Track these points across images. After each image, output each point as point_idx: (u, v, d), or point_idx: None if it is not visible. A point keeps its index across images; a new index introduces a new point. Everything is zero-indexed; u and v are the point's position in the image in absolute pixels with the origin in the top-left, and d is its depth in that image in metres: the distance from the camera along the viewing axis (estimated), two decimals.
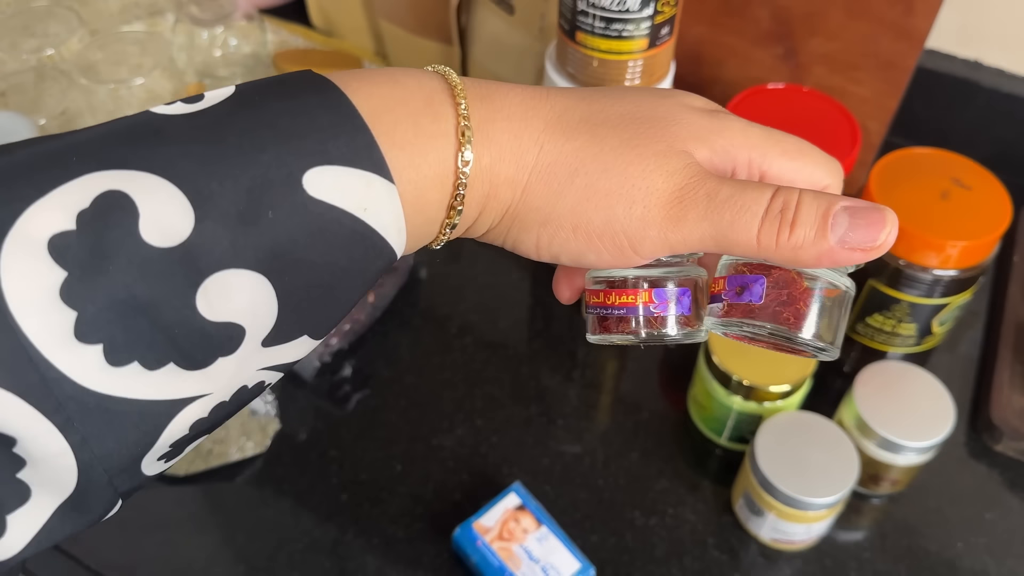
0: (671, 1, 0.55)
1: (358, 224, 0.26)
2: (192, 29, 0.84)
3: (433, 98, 0.28)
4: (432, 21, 0.80)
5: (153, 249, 0.23)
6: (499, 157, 0.28)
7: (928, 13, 0.66)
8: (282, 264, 0.25)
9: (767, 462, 0.54)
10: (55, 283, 0.23)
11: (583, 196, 0.28)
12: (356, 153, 0.26)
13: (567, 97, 0.30)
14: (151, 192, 0.23)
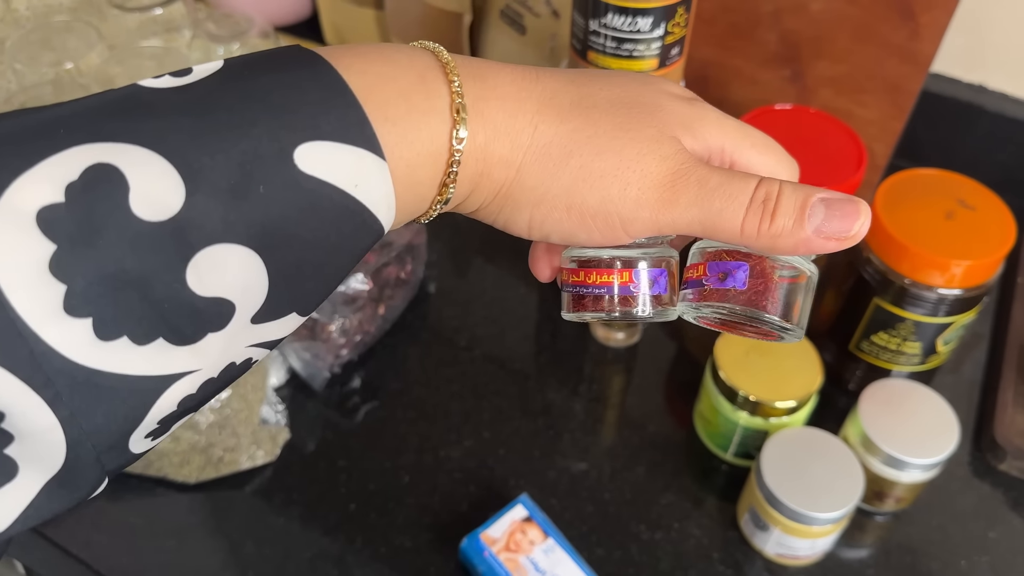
0: (681, 22, 0.56)
1: (349, 200, 0.26)
2: (208, 45, 0.85)
3: (426, 75, 0.27)
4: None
5: (143, 223, 0.23)
6: (494, 136, 0.28)
7: (933, 37, 0.67)
8: (273, 239, 0.25)
9: (773, 477, 0.55)
10: (44, 256, 0.22)
11: (579, 177, 0.29)
12: (348, 129, 0.25)
13: (557, 79, 0.30)
14: (141, 165, 0.23)
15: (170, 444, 0.60)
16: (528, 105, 0.29)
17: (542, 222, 0.30)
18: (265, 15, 0.93)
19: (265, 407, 0.63)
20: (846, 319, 0.64)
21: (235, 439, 0.60)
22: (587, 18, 0.57)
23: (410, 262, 0.69)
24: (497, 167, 0.29)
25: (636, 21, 0.55)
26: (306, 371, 0.65)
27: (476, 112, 0.28)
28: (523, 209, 0.30)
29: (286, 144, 0.24)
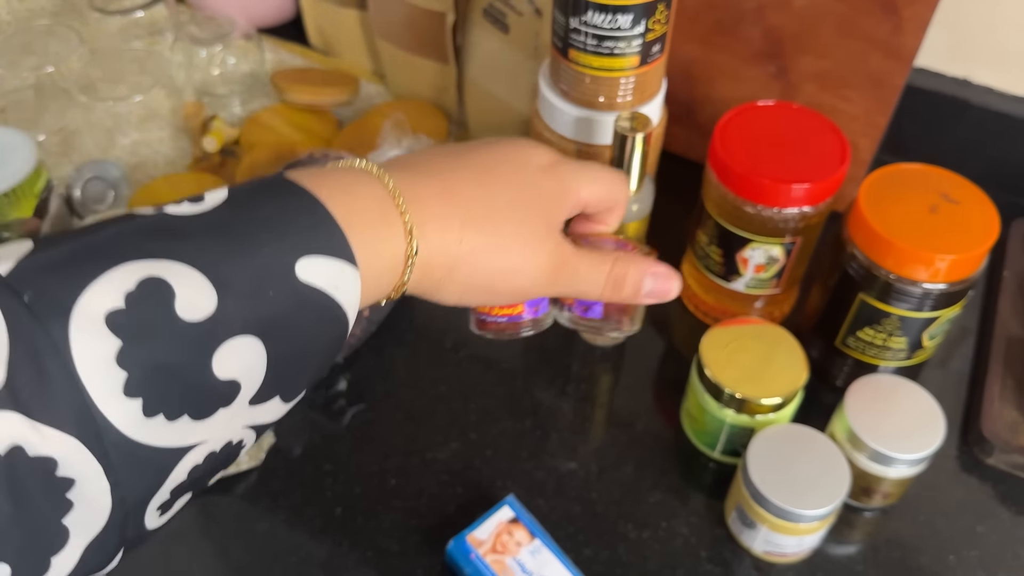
0: (662, 19, 0.56)
1: (329, 301, 0.33)
2: (190, 48, 0.85)
3: (383, 206, 0.36)
4: (428, 40, 0.81)
5: (185, 323, 0.29)
6: (434, 250, 0.37)
7: (917, 31, 0.67)
8: (275, 331, 0.31)
9: (759, 474, 0.55)
10: (112, 350, 0.27)
11: (494, 274, 0.39)
12: (333, 247, 0.33)
13: (469, 187, 0.39)
14: (183, 277, 0.29)
15: None
16: (454, 222, 0.38)
17: (467, 301, 0.41)
18: (248, 17, 0.92)
19: None
20: (832, 315, 0.64)
21: None
22: (567, 16, 0.56)
23: None
24: (436, 269, 0.38)
25: (616, 18, 0.55)
26: None
27: (421, 234, 0.37)
28: (453, 294, 0.40)
29: (289, 259, 0.32)
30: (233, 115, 0.87)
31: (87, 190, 0.75)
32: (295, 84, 0.84)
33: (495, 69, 0.78)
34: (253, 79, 0.88)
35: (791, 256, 0.64)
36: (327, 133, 0.83)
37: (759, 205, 0.61)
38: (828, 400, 0.67)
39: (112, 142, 0.82)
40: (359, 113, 0.87)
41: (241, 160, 0.77)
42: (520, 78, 0.76)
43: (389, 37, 0.85)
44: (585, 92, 0.60)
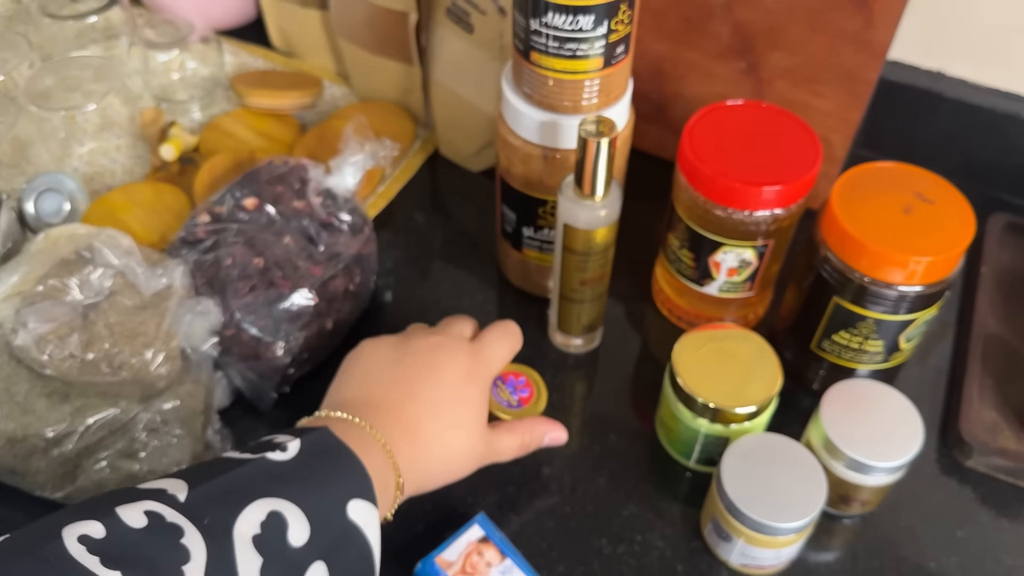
0: (625, 19, 0.54)
1: (362, 537, 0.44)
2: (147, 53, 0.82)
3: (389, 470, 0.49)
4: (391, 41, 0.79)
5: (294, 548, 0.41)
6: (411, 487, 0.51)
7: (888, 25, 0.66)
8: (334, 556, 0.42)
9: (733, 487, 0.53)
10: (259, 564, 0.39)
11: (449, 478, 0.54)
12: (367, 492, 0.45)
13: (423, 422, 0.52)
14: (291, 512, 0.41)
15: (109, 474, 0.58)
16: (421, 464, 0.52)
17: (424, 491, 0.53)
18: (208, 19, 0.90)
19: (209, 431, 0.60)
20: (806, 318, 0.62)
21: (177, 466, 0.58)
22: (527, 17, 0.55)
23: (359, 273, 0.67)
24: (408, 492, 0.51)
25: (578, 19, 0.53)
26: (252, 392, 0.63)
27: (404, 477, 0.50)
28: (414, 491, 0.52)
29: (344, 500, 0.44)
30: (193, 121, 0.85)
31: (40, 204, 0.73)
32: (255, 88, 0.82)
33: (460, 70, 0.76)
34: (213, 83, 0.86)
35: (764, 259, 0.63)
36: (289, 138, 0.81)
37: (730, 208, 0.59)
38: (805, 404, 0.66)
39: (67, 152, 0.80)
40: (322, 116, 0.85)
41: (200, 169, 0.75)
42: (486, 78, 0.74)
43: (351, 38, 0.82)
44: (548, 95, 0.58)
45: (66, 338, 0.57)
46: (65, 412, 0.58)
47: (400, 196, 0.81)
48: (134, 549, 0.36)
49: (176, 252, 0.65)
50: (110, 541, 0.36)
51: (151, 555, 0.36)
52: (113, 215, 0.72)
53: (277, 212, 0.66)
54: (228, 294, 0.61)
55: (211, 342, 0.60)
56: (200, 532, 0.38)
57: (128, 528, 0.37)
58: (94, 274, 0.60)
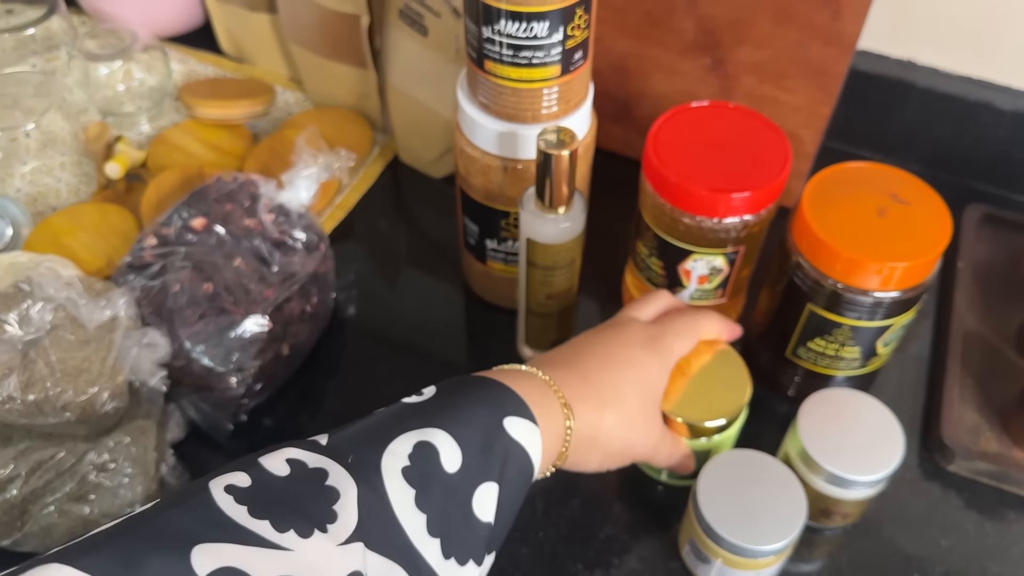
0: (581, 24, 0.52)
1: (525, 455, 0.42)
2: (87, 65, 0.78)
3: (544, 391, 0.45)
4: (343, 45, 0.75)
5: (448, 474, 0.39)
6: (584, 424, 0.47)
7: (856, 17, 0.63)
8: (503, 475, 0.40)
9: (710, 509, 0.51)
10: (411, 496, 0.37)
11: (624, 444, 0.50)
12: (524, 411, 0.43)
13: (596, 373, 0.49)
14: (441, 440, 0.39)
15: (58, 519, 0.55)
16: (594, 402, 0.48)
17: (605, 465, 0.50)
18: (154, 27, 0.86)
19: (164, 467, 0.58)
20: (781, 324, 0.60)
21: (130, 508, 0.55)
22: (479, 25, 0.52)
23: (315, 293, 0.64)
24: (585, 440, 0.47)
25: (532, 26, 0.50)
26: (207, 423, 0.60)
27: (573, 412, 0.46)
28: (595, 459, 0.49)
29: (500, 419, 0.42)
30: (141, 134, 0.81)
31: None
32: (204, 99, 0.78)
33: (416, 74, 0.73)
34: (160, 93, 0.82)
35: (735, 265, 0.60)
36: (240, 149, 0.78)
37: (698, 216, 0.57)
38: (782, 411, 0.64)
39: (8, 172, 0.76)
40: (276, 124, 0.82)
41: (147, 187, 0.72)
42: (443, 82, 0.71)
43: (302, 42, 0.79)
44: (506, 105, 0.55)
45: (5, 379, 0.53)
46: (8, 456, 0.55)
47: (360, 206, 0.78)
48: (280, 496, 0.35)
49: (122, 278, 0.62)
50: (255, 490, 0.35)
51: (298, 500, 0.35)
52: (57, 240, 0.68)
53: (227, 232, 0.63)
54: (176, 323, 0.58)
55: (160, 375, 0.57)
56: (346, 470, 0.37)
57: (272, 476, 0.36)
58: (33, 308, 0.57)
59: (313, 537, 0.34)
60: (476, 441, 0.40)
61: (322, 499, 0.36)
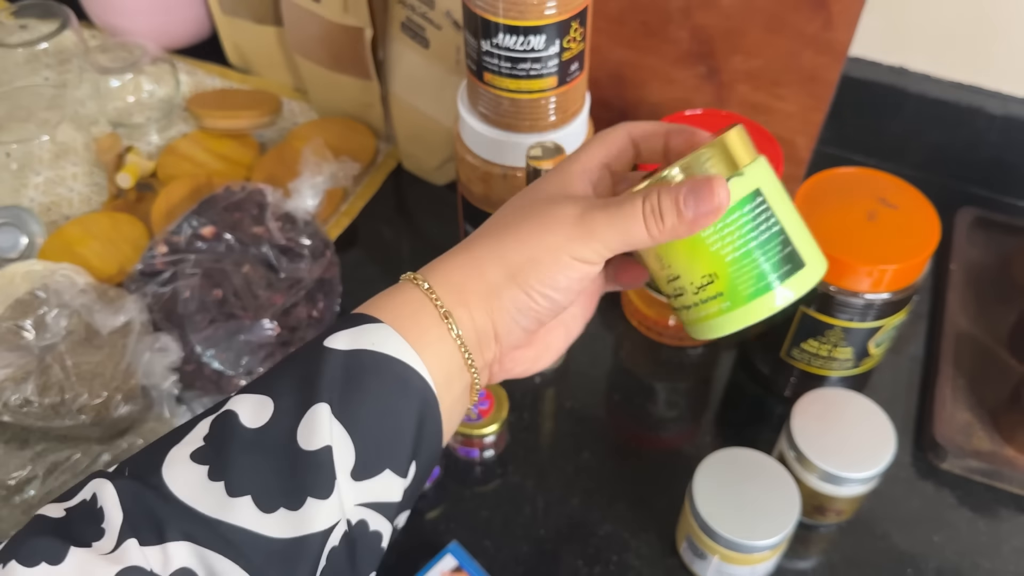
0: (577, 37, 0.53)
1: (377, 356, 0.35)
2: (99, 78, 0.80)
3: (419, 304, 0.37)
4: (347, 57, 0.77)
5: (252, 430, 0.33)
6: (475, 316, 0.38)
7: (847, 26, 0.65)
8: (348, 388, 0.34)
9: (706, 505, 0.53)
10: (202, 473, 0.33)
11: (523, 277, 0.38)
12: (353, 321, 0.36)
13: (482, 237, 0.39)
14: (245, 403, 0.34)
15: None
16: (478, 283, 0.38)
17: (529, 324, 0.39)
18: (162, 40, 0.88)
19: None
20: (776, 326, 0.62)
21: None
22: (479, 39, 0.53)
23: (322, 299, 0.65)
24: (485, 334, 0.38)
25: (529, 40, 0.52)
26: None
27: (457, 314, 0.38)
28: (515, 332, 0.39)
29: (319, 342, 0.35)
30: (151, 144, 0.83)
31: None
32: (212, 109, 0.80)
33: (418, 84, 0.75)
34: (169, 105, 0.84)
35: None
36: (248, 159, 0.79)
37: None
38: (779, 412, 0.65)
39: (23, 182, 0.78)
40: (282, 133, 0.84)
41: (157, 196, 0.73)
42: (445, 92, 0.73)
43: (307, 54, 0.81)
44: (505, 115, 0.57)
45: (22, 383, 0.55)
46: (25, 458, 0.57)
47: (365, 213, 0.80)
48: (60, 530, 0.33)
49: (135, 285, 0.63)
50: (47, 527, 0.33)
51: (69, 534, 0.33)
52: (70, 248, 0.70)
53: (235, 239, 0.65)
54: (187, 328, 0.60)
55: (171, 379, 0.59)
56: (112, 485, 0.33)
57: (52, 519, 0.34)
58: (50, 315, 0.59)
59: (69, 555, 0.31)
60: (290, 381, 0.35)
61: (92, 523, 0.32)
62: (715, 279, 0.38)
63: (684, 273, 0.39)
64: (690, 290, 0.39)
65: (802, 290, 0.38)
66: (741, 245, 0.37)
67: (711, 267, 0.38)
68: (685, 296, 0.39)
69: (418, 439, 0.35)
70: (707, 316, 0.39)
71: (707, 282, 0.38)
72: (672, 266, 0.39)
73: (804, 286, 0.38)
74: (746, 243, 0.37)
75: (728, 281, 0.38)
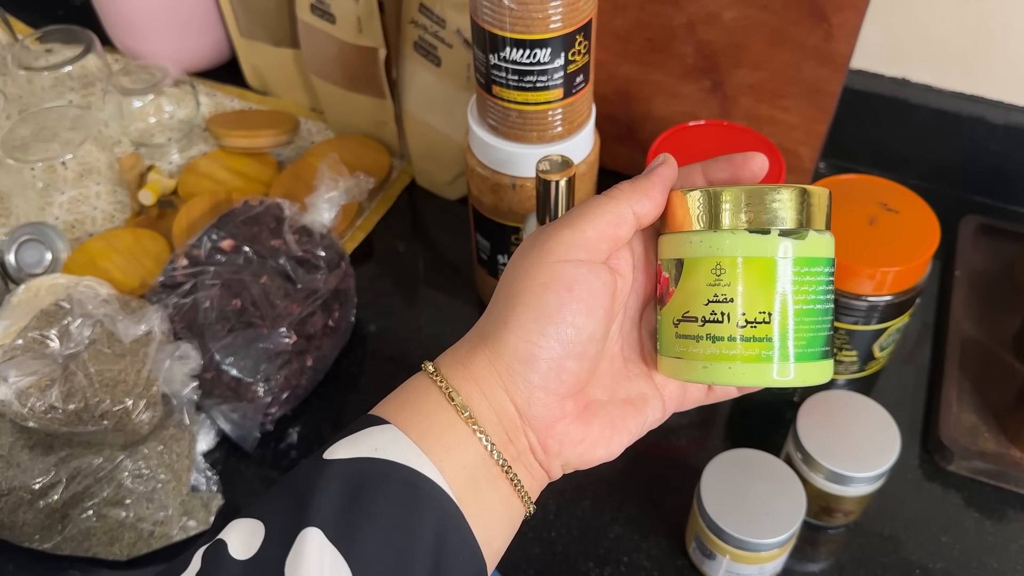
0: (582, 50, 0.55)
1: (385, 464, 0.32)
2: (121, 99, 0.83)
3: (433, 402, 0.34)
4: (362, 77, 0.80)
5: (241, 561, 0.31)
6: (496, 404, 0.34)
7: (848, 38, 0.67)
8: (353, 509, 0.32)
9: (714, 505, 0.54)
10: None
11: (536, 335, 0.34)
12: (359, 425, 0.34)
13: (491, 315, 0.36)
14: (235, 530, 0.32)
15: (96, 523, 0.58)
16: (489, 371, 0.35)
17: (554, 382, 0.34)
18: (183, 62, 0.91)
19: (195, 474, 0.61)
20: None
21: (164, 511, 0.58)
22: (486, 53, 0.55)
23: (337, 308, 0.67)
24: (507, 416, 0.34)
25: (535, 53, 0.54)
26: (236, 433, 0.63)
27: (472, 404, 0.34)
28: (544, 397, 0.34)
29: (319, 455, 0.33)
30: (172, 163, 0.86)
31: (21, 254, 0.73)
32: (231, 129, 0.83)
33: (431, 101, 0.77)
34: (190, 125, 0.87)
35: None
36: (266, 176, 0.82)
37: None
38: (788, 416, 0.66)
39: (48, 201, 0.80)
40: (300, 152, 0.86)
41: (178, 212, 0.76)
42: (456, 109, 0.75)
43: (324, 75, 0.83)
44: (513, 126, 0.59)
45: (47, 390, 0.57)
46: (49, 463, 0.59)
47: (379, 227, 0.82)
48: None
49: (156, 297, 0.65)
50: None
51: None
52: (93, 263, 0.72)
53: (254, 252, 0.67)
54: (207, 337, 0.62)
55: (191, 386, 0.61)
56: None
57: None
58: (73, 324, 0.61)
59: None
60: (283, 502, 0.32)
61: None
62: (770, 320, 0.34)
63: (743, 298, 0.34)
64: (737, 320, 0.34)
65: (826, 377, 0.36)
66: (814, 299, 0.34)
67: (774, 304, 0.34)
68: (725, 326, 0.34)
69: (438, 558, 0.31)
70: (729, 357, 0.34)
71: (762, 319, 0.34)
72: (732, 284, 0.34)
73: (827, 375, 0.36)
74: (816, 300, 0.34)
75: (782, 329, 0.34)
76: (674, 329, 0.36)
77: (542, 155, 0.55)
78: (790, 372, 0.34)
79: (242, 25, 0.89)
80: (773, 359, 0.34)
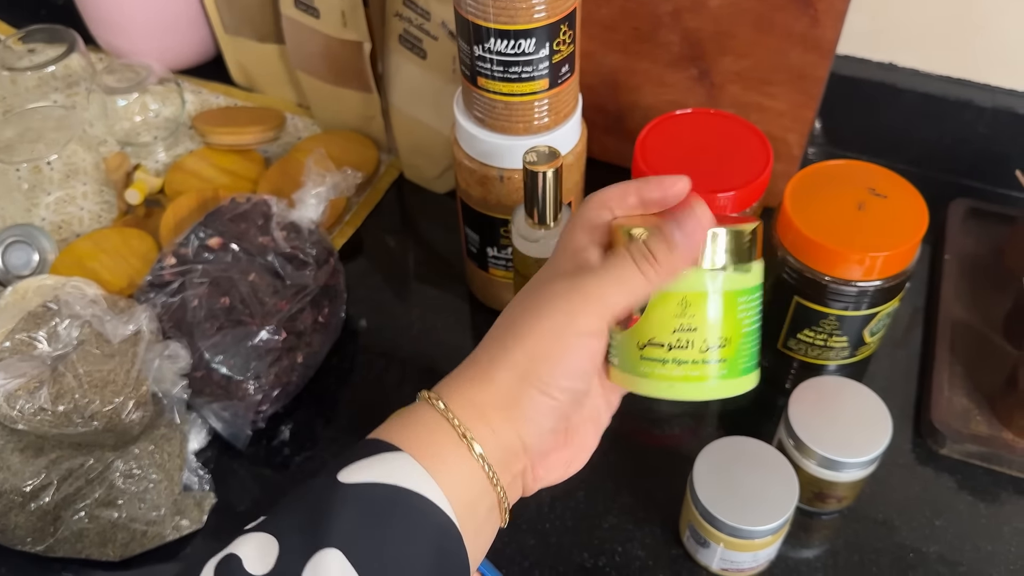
0: (567, 39, 0.55)
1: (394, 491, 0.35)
2: (106, 98, 0.82)
3: (436, 426, 0.37)
4: (348, 71, 0.79)
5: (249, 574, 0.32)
6: (500, 435, 0.37)
7: (834, 23, 0.66)
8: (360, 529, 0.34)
9: (707, 494, 0.54)
10: None
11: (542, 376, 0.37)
12: (370, 450, 0.36)
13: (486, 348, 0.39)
14: (249, 544, 0.33)
15: (89, 524, 0.58)
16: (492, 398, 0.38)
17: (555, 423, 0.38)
18: (167, 60, 0.90)
19: (187, 473, 0.61)
20: (771, 318, 0.63)
21: (156, 511, 0.58)
22: (471, 44, 0.55)
23: (327, 304, 0.67)
24: (511, 451, 0.37)
25: (519, 43, 0.53)
26: (227, 431, 0.63)
27: (476, 434, 0.37)
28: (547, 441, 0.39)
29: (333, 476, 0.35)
30: (158, 162, 0.85)
31: (8, 256, 0.73)
32: (217, 126, 0.82)
33: (417, 95, 0.77)
34: (175, 123, 0.86)
35: None
36: (253, 173, 0.81)
37: None
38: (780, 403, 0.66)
39: (34, 202, 0.80)
40: (286, 148, 0.86)
41: (165, 211, 0.75)
42: (443, 101, 0.75)
43: (309, 70, 0.83)
44: (499, 118, 0.58)
45: (36, 392, 0.57)
46: (40, 465, 0.58)
47: (368, 222, 0.81)
48: None
49: (144, 296, 0.65)
50: None
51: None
52: (81, 263, 0.72)
53: (241, 249, 0.66)
54: (196, 335, 0.61)
55: (181, 385, 0.61)
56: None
57: None
58: (61, 325, 0.60)
59: None
60: (298, 519, 0.34)
61: None
62: (727, 344, 0.39)
63: (706, 328, 0.38)
64: (699, 347, 0.39)
65: (753, 385, 0.41)
66: (753, 321, 0.40)
67: (731, 331, 0.39)
68: (687, 351, 0.39)
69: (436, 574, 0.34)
70: (693, 378, 0.39)
71: (721, 344, 0.39)
72: (696, 316, 0.38)
73: (754, 383, 0.41)
74: (755, 321, 0.40)
75: (735, 351, 0.39)
76: (639, 351, 0.40)
77: (529, 146, 0.55)
78: (741, 385, 0.40)
79: (226, 21, 0.88)
80: (728, 376, 0.40)
